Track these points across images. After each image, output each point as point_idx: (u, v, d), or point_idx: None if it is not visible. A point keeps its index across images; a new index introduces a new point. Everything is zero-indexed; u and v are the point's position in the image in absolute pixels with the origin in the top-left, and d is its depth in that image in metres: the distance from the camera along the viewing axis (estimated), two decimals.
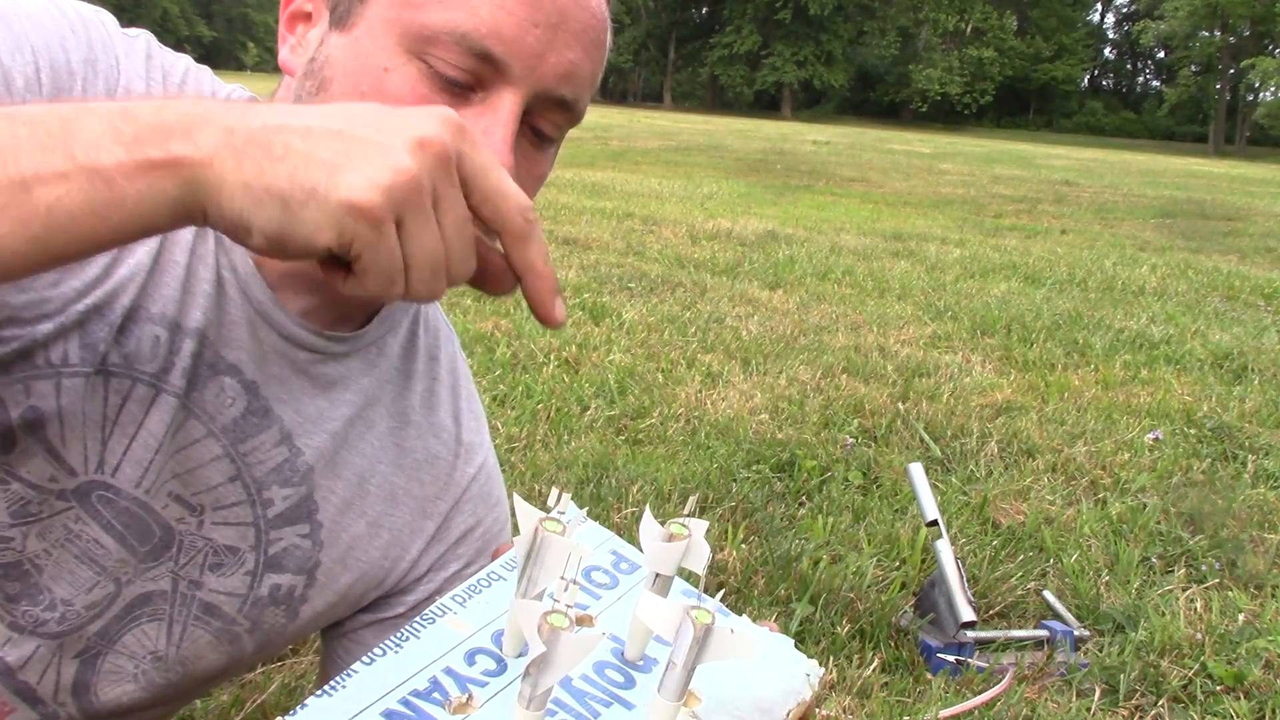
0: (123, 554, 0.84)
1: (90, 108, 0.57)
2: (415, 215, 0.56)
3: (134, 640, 0.88)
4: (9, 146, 0.54)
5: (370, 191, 0.55)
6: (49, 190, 0.53)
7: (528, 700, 0.54)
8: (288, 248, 0.56)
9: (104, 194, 0.54)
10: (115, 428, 0.80)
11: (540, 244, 0.62)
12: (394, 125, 0.57)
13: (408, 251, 0.57)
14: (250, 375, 0.84)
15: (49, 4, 0.75)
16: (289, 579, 0.91)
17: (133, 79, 0.78)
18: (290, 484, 0.88)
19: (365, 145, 0.56)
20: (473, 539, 1.01)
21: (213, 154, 0.55)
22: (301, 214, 0.55)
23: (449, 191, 0.58)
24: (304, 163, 0.55)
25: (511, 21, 0.73)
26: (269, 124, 0.57)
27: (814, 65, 60.15)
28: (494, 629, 0.65)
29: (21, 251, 0.54)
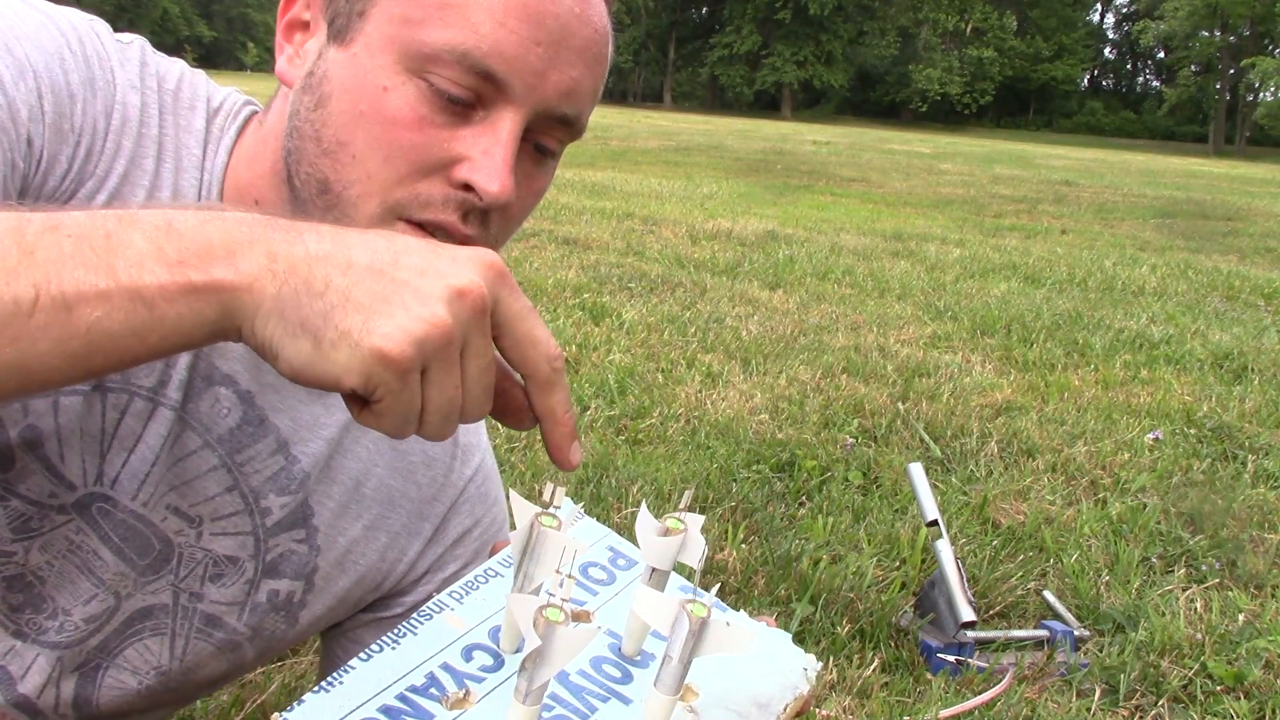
0: (121, 567, 0.84)
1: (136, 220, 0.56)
2: (441, 365, 0.57)
3: (136, 654, 0.88)
4: (54, 262, 0.53)
5: (403, 343, 0.55)
6: (90, 310, 0.53)
7: (524, 694, 0.54)
8: (313, 381, 0.56)
9: (143, 316, 0.54)
10: (113, 442, 0.80)
11: (564, 392, 0.62)
12: (435, 269, 0.57)
13: (427, 397, 0.58)
14: (245, 385, 0.84)
15: (46, 21, 0.74)
16: (287, 585, 0.91)
17: (127, 91, 0.77)
18: (287, 492, 0.88)
19: (404, 290, 0.56)
20: (470, 540, 1.01)
21: (253, 279, 0.55)
22: (331, 354, 0.55)
23: (478, 340, 0.58)
24: (341, 302, 0.55)
25: (513, 40, 0.72)
26: (311, 253, 0.56)
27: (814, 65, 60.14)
28: (491, 625, 0.65)
29: (58, 368, 0.54)
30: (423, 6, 0.72)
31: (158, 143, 0.78)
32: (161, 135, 0.79)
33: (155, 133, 0.78)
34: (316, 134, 0.74)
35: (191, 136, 0.80)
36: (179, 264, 0.55)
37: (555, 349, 0.61)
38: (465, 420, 0.60)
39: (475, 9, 0.71)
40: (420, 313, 0.55)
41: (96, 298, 0.53)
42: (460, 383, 0.58)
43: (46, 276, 0.53)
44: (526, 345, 0.60)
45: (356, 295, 0.55)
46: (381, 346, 0.54)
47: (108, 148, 0.76)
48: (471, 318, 0.57)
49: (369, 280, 0.56)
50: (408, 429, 0.59)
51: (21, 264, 0.52)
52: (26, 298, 0.52)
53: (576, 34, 0.74)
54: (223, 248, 0.56)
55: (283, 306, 0.55)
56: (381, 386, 0.56)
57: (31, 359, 0.53)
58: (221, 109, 0.83)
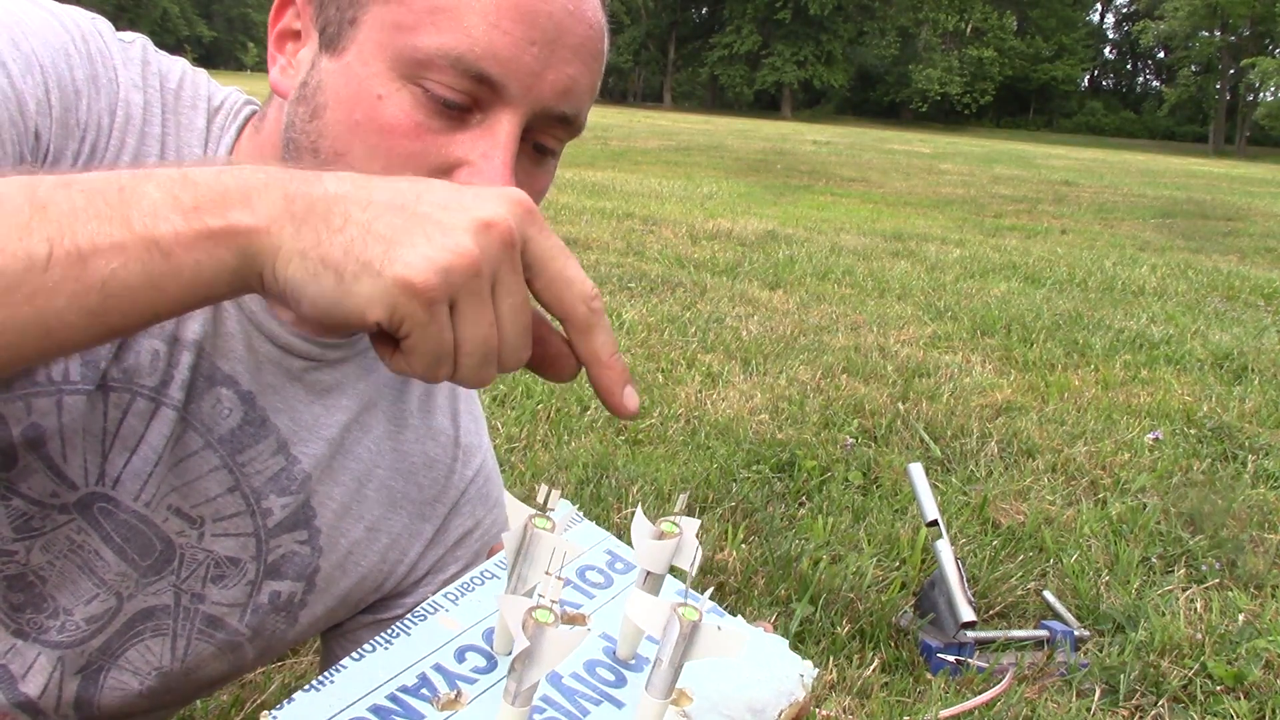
0: (123, 567, 0.84)
1: (150, 174, 0.55)
2: (470, 299, 0.55)
3: (138, 655, 0.88)
4: (66, 215, 0.52)
5: (427, 271, 0.53)
6: (105, 262, 0.52)
7: (513, 696, 0.54)
8: (337, 320, 0.54)
9: (161, 265, 0.53)
10: (116, 441, 0.80)
11: (607, 333, 0.60)
12: (460, 204, 0.56)
13: (459, 335, 0.55)
14: (246, 386, 0.84)
15: (50, 18, 0.74)
16: (288, 586, 0.91)
17: (130, 89, 0.77)
18: (288, 492, 0.88)
19: (426, 222, 0.54)
20: (471, 541, 1.01)
21: (270, 221, 0.54)
22: (354, 287, 0.53)
23: (509, 277, 0.56)
24: (361, 235, 0.54)
25: (507, 41, 0.71)
26: (330, 192, 0.55)
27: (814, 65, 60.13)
28: (485, 627, 0.65)
29: (78, 324, 0.53)
30: (414, 12, 0.71)
31: (160, 141, 0.78)
32: (164, 134, 0.79)
33: (158, 131, 0.78)
34: (313, 145, 0.74)
35: (193, 135, 0.80)
36: (194, 210, 0.54)
37: (591, 287, 0.59)
38: (504, 366, 0.58)
39: (467, 12, 0.70)
40: (444, 242, 0.54)
41: (111, 249, 0.52)
42: (494, 321, 0.56)
43: (60, 230, 0.52)
44: (560, 285, 0.58)
45: (377, 228, 0.54)
46: (405, 274, 0.53)
47: (111, 144, 0.76)
48: (500, 250, 0.55)
49: (390, 214, 0.55)
50: (441, 369, 0.56)
51: (34, 219, 0.52)
52: (40, 253, 0.51)
53: (571, 32, 0.74)
54: (238, 193, 0.55)
55: (303, 245, 0.54)
56: (408, 319, 0.54)
57: (50, 316, 0.52)
58: (222, 108, 0.83)
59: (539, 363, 0.61)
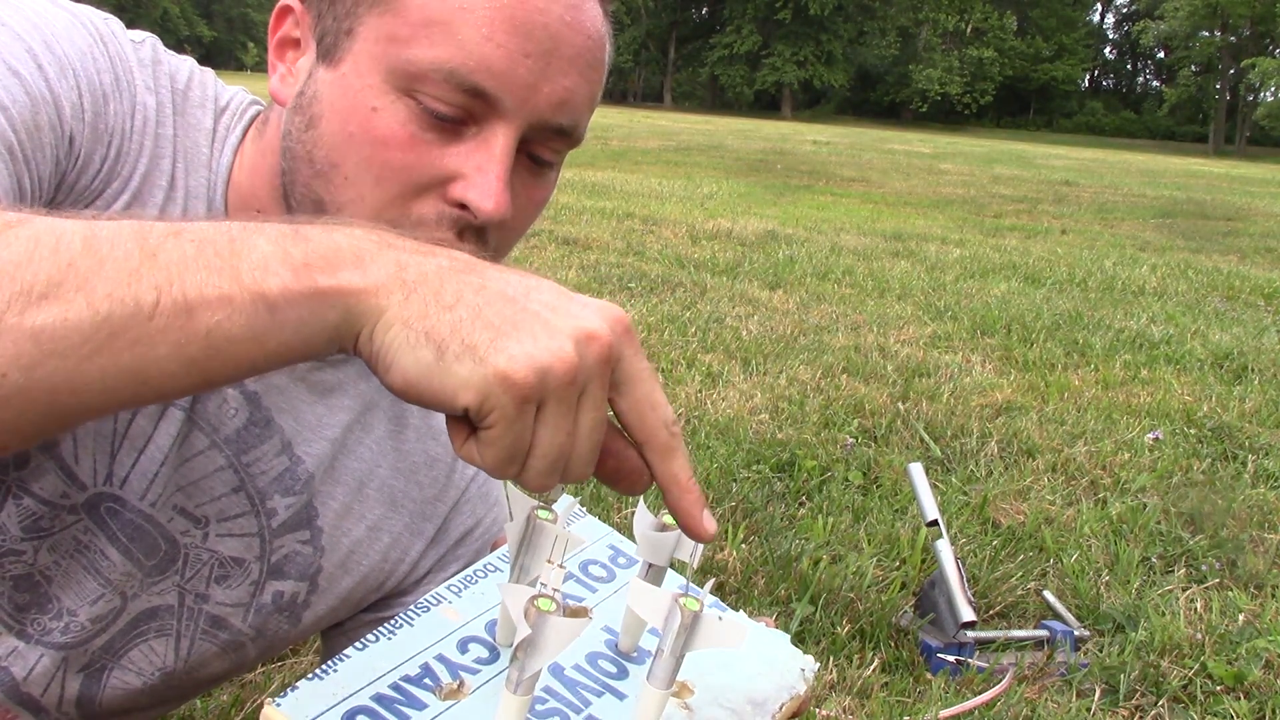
0: (128, 567, 0.84)
1: (262, 227, 0.55)
2: (559, 405, 0.54)
3: (141, 655, 0.88)
4: (176, 264, 0.52)
5: (528, 368, 0.52)
6: (211, 314, 0.51)
7: (515, 684, 0.54)
8: (424, 394, 0.53)
9: (265, 320, 0.52)
10: (124, 442, 0.81)
11: (684, 458, 0.59)
12: (567, 310, 0.55)
13: (537, 438, 0.55)
14: (252, 386, 0.84)
15: (72, 19, 0.74)
16: (291, 585, 0.92)
17: (144, 91, 0.77)
18: (292, 493, 0.88)
19: (535, 320, 0.54)
20: (472, 540, 1.01)
21: (381, 285, 0.53)
22: (454, 366, 0.52)
23: (598, 391, 0.55)
24: (471, 318, 0.53)
25: (501, 54, 0.70)
26: (444, 267, 0.55)
27: (814, 65, 60.13)
28: (488, 618, 0.65)
29: (175, 374, 0.52)
30: (409, 24, 0.71)
31: (172, 143, 0.79)
32: (175, 135, 0.79)
33: (170, 133, 0.79)
34: (309, 155, 0.74)
35: (200, 135, 0.81)
36: (305, 267, 0.53)
37: (671, 413, 0.59)
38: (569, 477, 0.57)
39: (462, 25, 0.70)
40: (549, 344, 0.53)
41: (219, 301, 0.52)
42: (573, 431, 0.55)
43: (169, 279, 0.51)
44: (645, 407, 0.57)
45: (488, 314, 0.53)
46: (507, 368, 0.52)
47: (133, 148, 0.76)
48: (596, 364, 0.54)
49: (501, 304, 0.54)
50: (510, 468, 0.55)
51: (144, 266, 0.51)
52: (148, 300, 0.51)
53: (568, 43, 0.73)
54: (351, 254, 0.54)
55: (408, 315, 0.53)
56: (497, 410, 0.53)
57: (150, 364, 0.51)
58: (228, 108, 0.83)
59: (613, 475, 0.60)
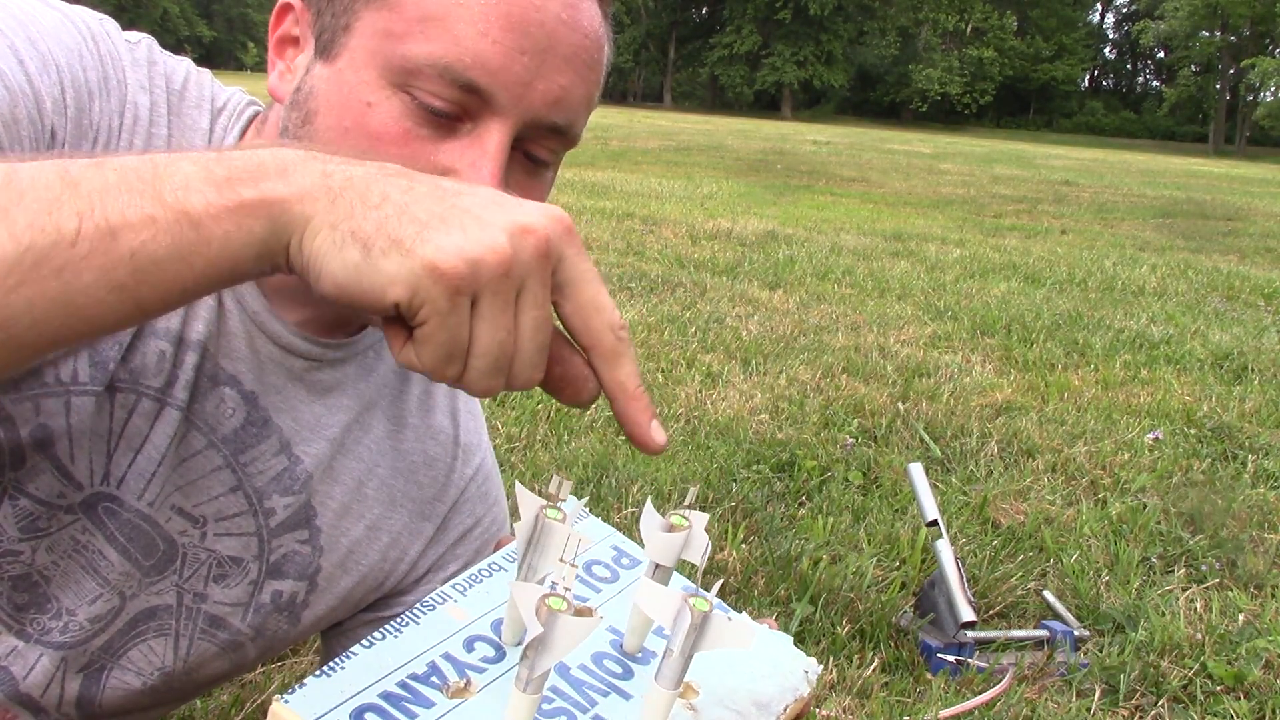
0: (126, 567, 0.84)
1: (186, 153, 0.55)
2: (494, 298, 0.53)
3: (140, 655, 0.88)
4: (98, 191, 0.52)
5: (456, 258, 0.52)
6: (135, 235, 0.51)
7: (524, 683, 0.54)
8: (354, 296, 0.53)
9: (190, 236, 0.52)
10: (121, 441, 0.81)
11: (632, 364, 0.58)
12: (502, 206, 0.55)
13: (475, 334, 0.54)
14: (249, 386, 0.84)
15: (63, 18, 0.75)
16: (290, 585, 0.92)
17: (137, 91, 0.78)
18: (290, 492, 0.89)
19: (465, 215, 0.53)
20: (471, 539, 1.02)
21: (305, 192, 0.53)
22: (380, 263, 0.52)
23: (537, 288, 0.54)
24: (397, 214, 0.53)
25: (497, 50, 0.70)
26: (372, 173, 0.55)
27: (814, 65, 60.13)
28: (493, 618, 0.65)
29: (106, 301, 0.52)
30: (405, 20, 0.71)
31: (166, 143, 0.79)
32: (169, 135, 0.79)
33: (164, 133, 0.79)
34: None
35: (197, 135, 0.81)
36: (227, 181, 0.53)
37: (620, 317, 0.57)
38: (513, 382, 0.56)
39: (457, 21, 0.70)
40: (480, 235, 0.52)
41: (141, 222, 0.51)
42: (513, 328, 0.54)
43: (90, 205, 0.51)
44: (590, 310, 0.56)
45: (414, 210, 0.53)
46: (434, 257, 0.51)
47: (120, 146, 0.76)
48: (533, 259, 0.54)
49: (430, 201, 0.54)
50: (450, 367, 0.54)
51: (65, 194, 0.51)
52: (70, 226, 0.51)
53: (564, 41, 0.73)
54: (275, 166, 0.54)
55: (335, 218, 0.53)
56: (428, 304, 0.52)
57: (77, 291, 0.51)
58: (225, 109, 0.83)
59: (558, 383, 0.59)
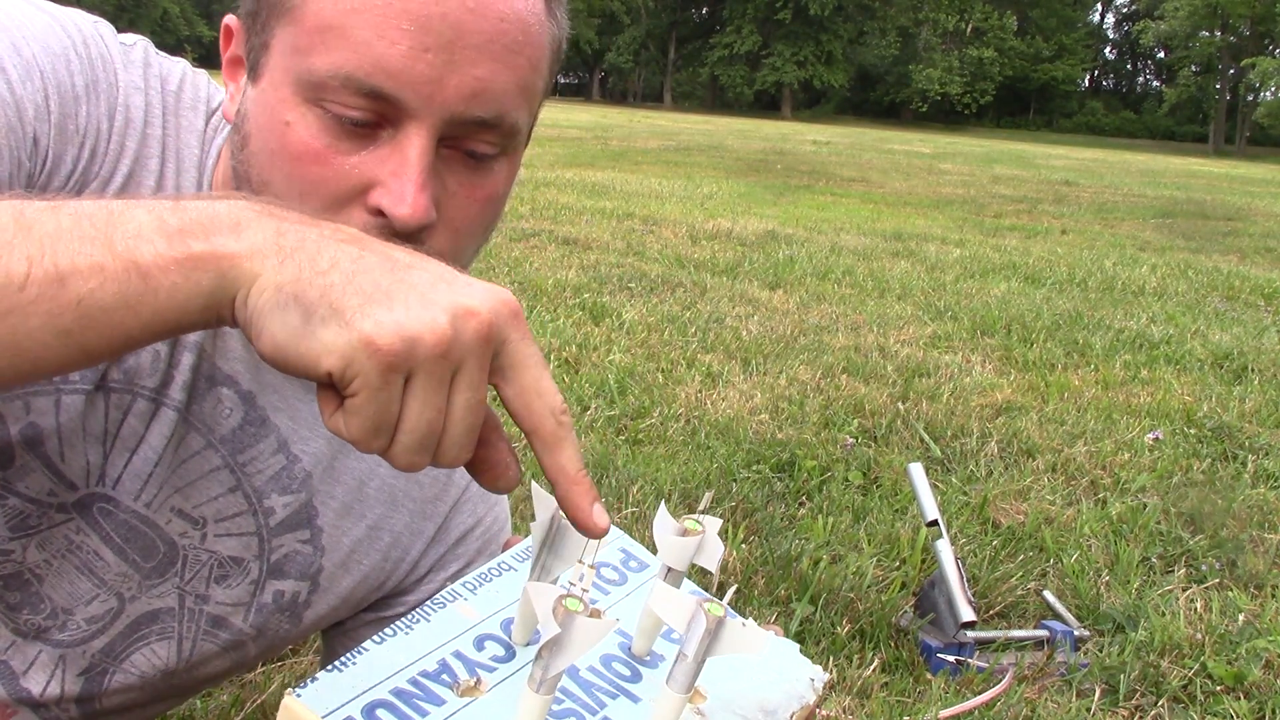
0: (123, 568, 0.84)
1: (143, 201, 0.55)
2: (427, 379, 0.53)
3: (143, 659, 0.88)
4: (50, 236, 0.52)
5: (394, 335, 0.51)
6: (83, 283, 0.52)
7: (538, 683, 0.54)
8: (290, 360, 0.53)
9: (137, 286, 0.52)
10: (116, 442, 0.81)
11: (574, 448, 0.57)
12: (449, 285, 0.54)
13: (405, 412, 0.53)
14: (246, 385, 0.84)
15: (52, 22, 0.74)
16: (292, 585, 0.92)
17: (131, 92, 0.78)
18: (290, 491, 0.89)
19: (410, 291, 0.53)
20: (472, 538, 1.02)
21: (255, 250, 0.53)
22: (318, 330, 0.52)
23: (475, 371, 0.54)
24: (343, 283, 0.52)
25: (396, 53, 0.68)
26: (325, 236, 0.54)
27: (814, 65, 60.11)
28: (503, 617, 0.66)
29: (51, 345, 0.52)
30: (306, 32, 0.69)
31: (161, 143, 0.79)
32: (164, 135, 0.79)
33: (159, 134, 0.79)
34: (247, 174, 0.73)
35: (193, 136, 0.81)
36: (179, 233, 0.53)
37: (561, 402, 0.57)
38: (440, 460, 0.55)
39: (355, 27, 0.68)
40: (422, 315, 0.52)
41: (90, 270, 0.52)
42: (444, 409, 0.54)
43: (41, 250, 0.52)
44: (531, 395, 0.55)
45: (360, 281, 0.53)
46: (371, 333, 0.51)
47: (111, 149, 0.76)
48: (474, 342, 0.53)
49: (378, 273, 0.53)
50: (376, 440, 0.54)
51: (17, 238, 0.52)
52: (19, 270, 0.51)
53: (473, 30, 0.69)
54: (229, 220, 0.54)
55: (281, 280, 0.52)
56: (360, 377, 0.52)
57: (23, 336, 0.52)
58: (219, 109, 0.83)
59: (480, 466, 0.58)
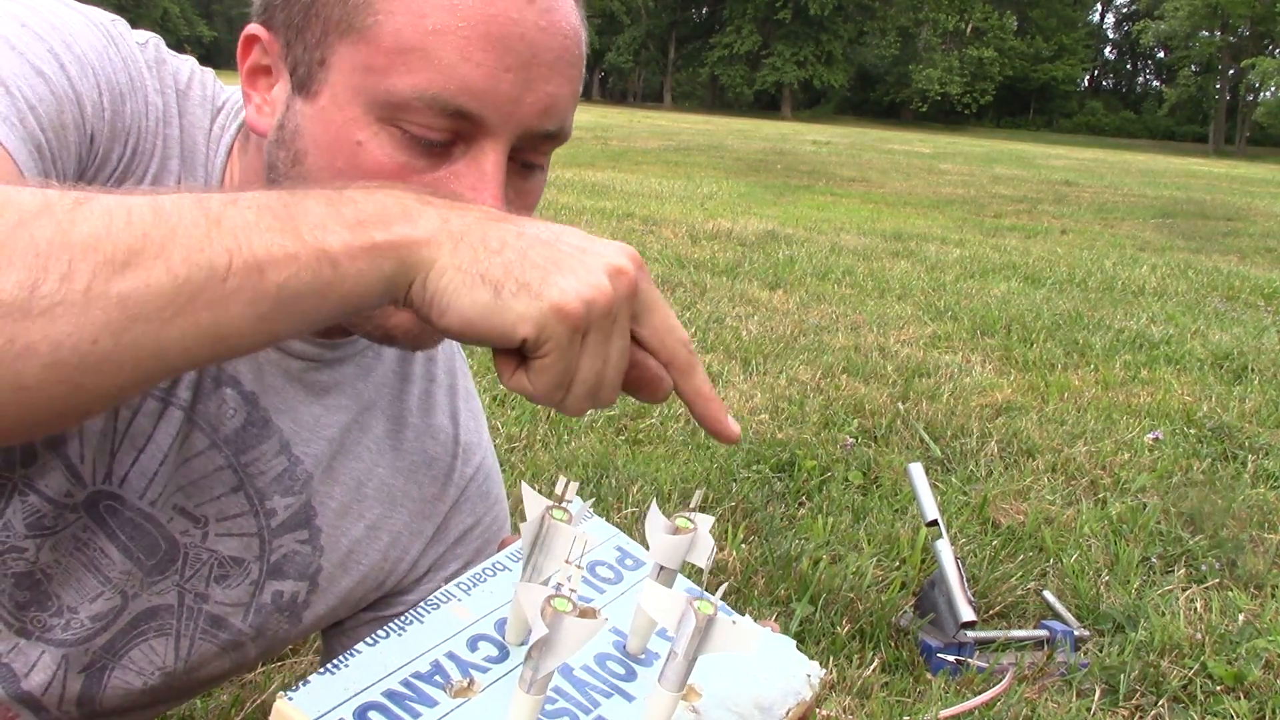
0: (128, 565, 0.84)
1: (308, 193, 0.59)
2: (598, 334, 0.60)
3: (142, 655, 0.88)
4: (241, 228, 0.55)
5: (576, 300, 0.58)
6: (280, 272, 0.55)
7: (529, 684, 0.54)
8: (483, 332, 0.58)
9: (328, 274, 0.56)
10: (124, 440, 0.81)
11: (703, 372, 0.66)
12: (593, 249, 0.61)
13: (580, 364, 0.60)
14: (249, 386, 0.84)
15: (84, 19, 0.74)
16: (291, 585, 0.92)
17: (152, 91, 0.78)
18: (291, 493, 0.89)
19: (571, 259, 0.59)
20: (471, 538, 1.02)
21: (430, 237, 0.58)
22: (511, 303, 0.57)
23: (624, 321, 0.61)
24: (519, 259, 0.58)
25: (481, 74, 0.69)
26: (481, 218, 0.60)
27: (814, 65, 60.11)
28: (497, 617, 0.66)
29: (246, 331, 0.55)
30: (383, 53, 0.69)
31: (179, 142, 0.79)
32: (181, 134, 0.79)
33: (176, 133, 0.79)
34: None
35: (199, 134, 0.81)
36: (359, 224, 0.57)
37: (686, 335, 0.65)
38: (599, 402, 0.62)
39: (437, 48, 0.69)
40: (589, 279, 0.59)
41: (285, 259, 0.55)
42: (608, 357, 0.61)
43: (238, 242, 0.54)
44: (664, 331, 0.63)
45: (532, 256, 0.59)
46: (560, 299, 0.57)
47: (147, 147, 0.77)
48: (625, 295, 0.60)
49: (540, 246, 0.59)
50: (558, 394, 0.61)
51: (212, 232, 0.54)
52: (221, 262, 0.53)
53: (546, 48, 0.72)
54: (399, 210, 0.58)
55: (460, 261, 0.58)
56: (551, 340, 0.58)
57: (225, 323, 0.54)
58: (224, 108, 0.83)
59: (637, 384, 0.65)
